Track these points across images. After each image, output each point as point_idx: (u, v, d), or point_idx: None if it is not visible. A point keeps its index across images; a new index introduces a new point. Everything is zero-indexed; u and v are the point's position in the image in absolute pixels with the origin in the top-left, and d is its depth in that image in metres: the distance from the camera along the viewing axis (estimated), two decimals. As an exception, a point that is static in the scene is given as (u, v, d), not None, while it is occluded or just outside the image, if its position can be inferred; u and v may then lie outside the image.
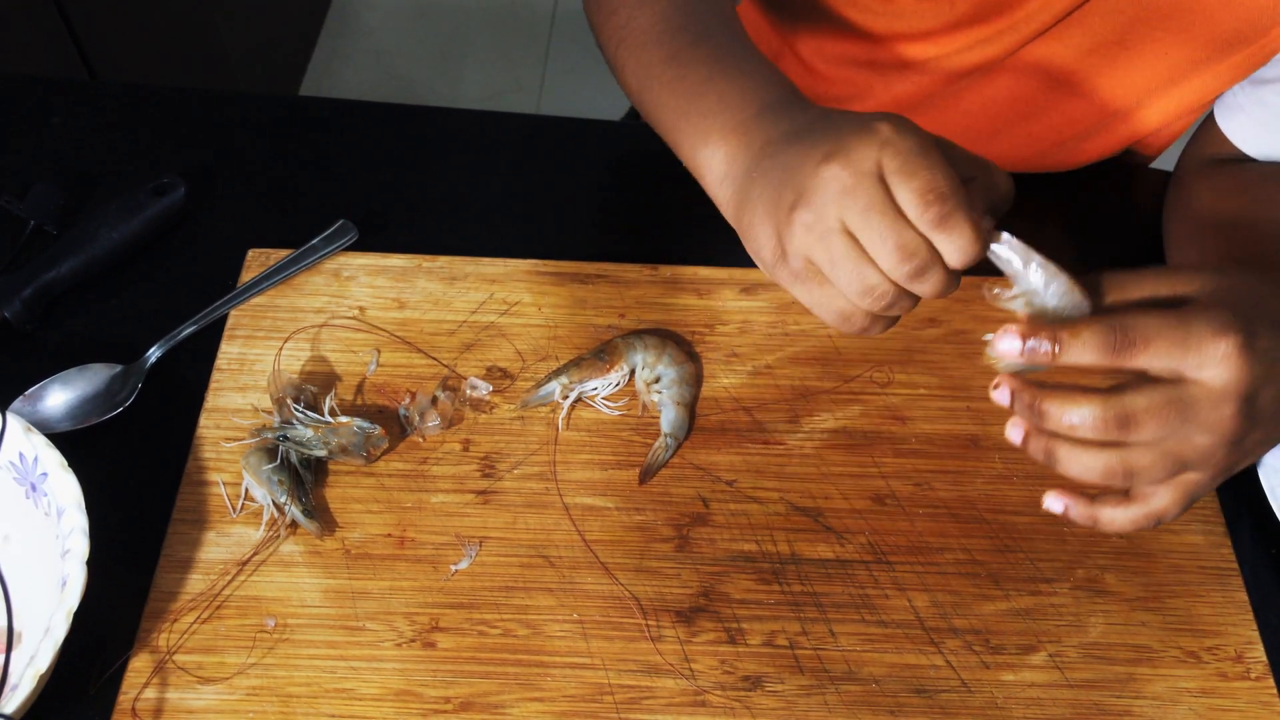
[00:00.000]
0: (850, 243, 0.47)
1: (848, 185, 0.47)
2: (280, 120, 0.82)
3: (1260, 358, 0.45)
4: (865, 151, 0.46)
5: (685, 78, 0.58)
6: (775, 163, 0.51)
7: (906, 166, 0.46)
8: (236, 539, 0.60)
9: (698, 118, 0.56)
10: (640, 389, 0.66)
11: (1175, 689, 0.57)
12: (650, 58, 0.61)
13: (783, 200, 0.49)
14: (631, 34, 0.63)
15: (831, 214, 0.47)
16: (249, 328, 0.68)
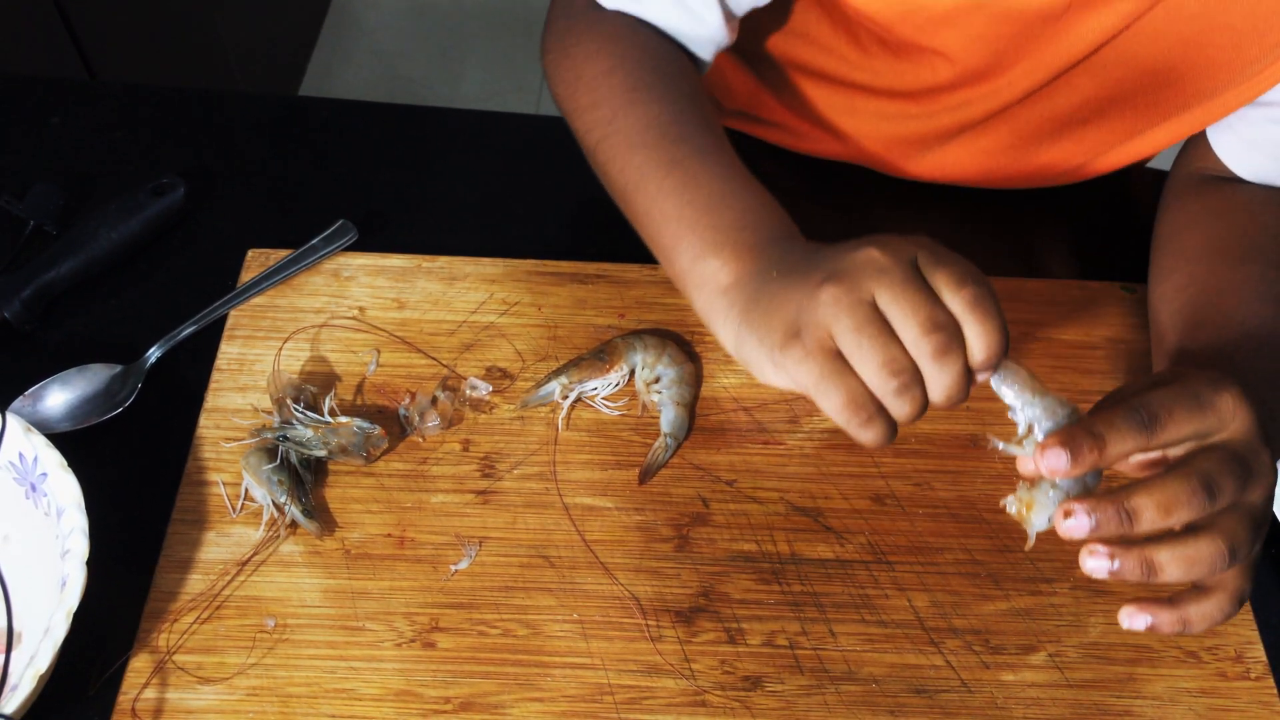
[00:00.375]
0: (877, 315, 0.47)
1: (883, 265, 0.47)
2: (280, 120, 0.82)
3: (1258, 404, 0.48)
4: (902, 244, 0.48)
5: (692, 188, 0.58)
6: (800, 263, 0.51)
7: (945, 257, 0.48)
8: (236, 539, 0.60)
9: (707, 231, 0.56)
10: (640, 389, 0.66)
11: (1175, 689, 0.57)
12: (645, 160, 0.60)
13: (809, 280, 0.49)
14: (619, 132, 0.62)
15: (864, 288, 0.47)
16: (249, 328, 0.68)
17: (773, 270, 0.53)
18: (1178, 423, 0.47)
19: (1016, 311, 0.71)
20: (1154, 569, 0.47)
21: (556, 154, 0.81)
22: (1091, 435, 0.46)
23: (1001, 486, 0.64)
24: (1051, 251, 0.78)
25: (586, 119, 0.64)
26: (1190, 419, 0.47)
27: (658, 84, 0.63)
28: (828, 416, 0.49)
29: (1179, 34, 0.62)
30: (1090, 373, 0.69)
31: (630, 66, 0.64)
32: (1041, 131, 0.72)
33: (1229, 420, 0.48)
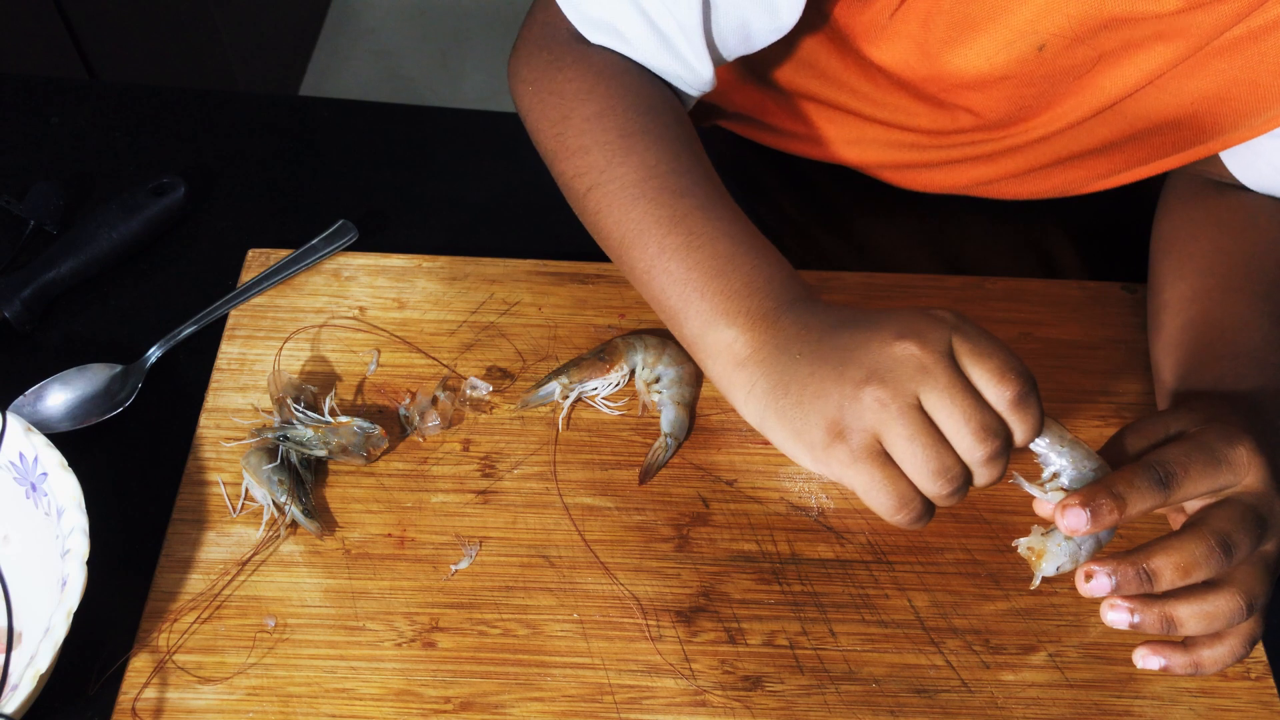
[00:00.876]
0: (927, 421, 0.48)
1: (926, 364, 0.47)
2: (280, 120, 0.82)
3: (1272, 454, 0.49)
4: (938, 333, 0.48)
5: (697, 248, 0.56)
6: (826, 345, 0.51)
7: (980, 348, 0.48)
8: (236, 539, 0.60)
9: (717, 297, 0.55)
10: (640, 389, 0.66)
11: (1175, 689, 0.57)
12: (645, 215, 0.58)
13: (847, 377, 0.49)
14: (614, 180, 0.59)
15: (909, 390, 0.47)
16: (249, 328, 0.68)
17: (795, 349, 0.52)
18: (1194, 480, 0.48)
19: (1017, 312, 0.71)
20: (1174, 624, 0.48)
21: (557, 154, 0.81)
22: (1112, 496, 0.47)
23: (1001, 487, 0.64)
24: (1052, 251, 0.78)
25: (576, 163, 0.61)
26: (1206, 475, 0.48)
27: (653, 130, 0.60)
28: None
29: (1201, 89, 0.61)
30: (1090, 373, 0.69)
31: (623, 110, 0.61)
32: (1051, 163, 0.72)
33: (1244, 474, 0.49)
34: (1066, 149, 0.70)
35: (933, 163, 0.75)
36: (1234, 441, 0.49)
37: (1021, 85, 0.63)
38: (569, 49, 0.64)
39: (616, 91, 0.62)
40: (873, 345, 0.49)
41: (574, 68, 0.63)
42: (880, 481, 0.49)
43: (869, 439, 0.49)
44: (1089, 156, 0.70)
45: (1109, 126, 0.67)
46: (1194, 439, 0.50)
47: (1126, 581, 0.48)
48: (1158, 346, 0.65)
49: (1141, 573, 0.48)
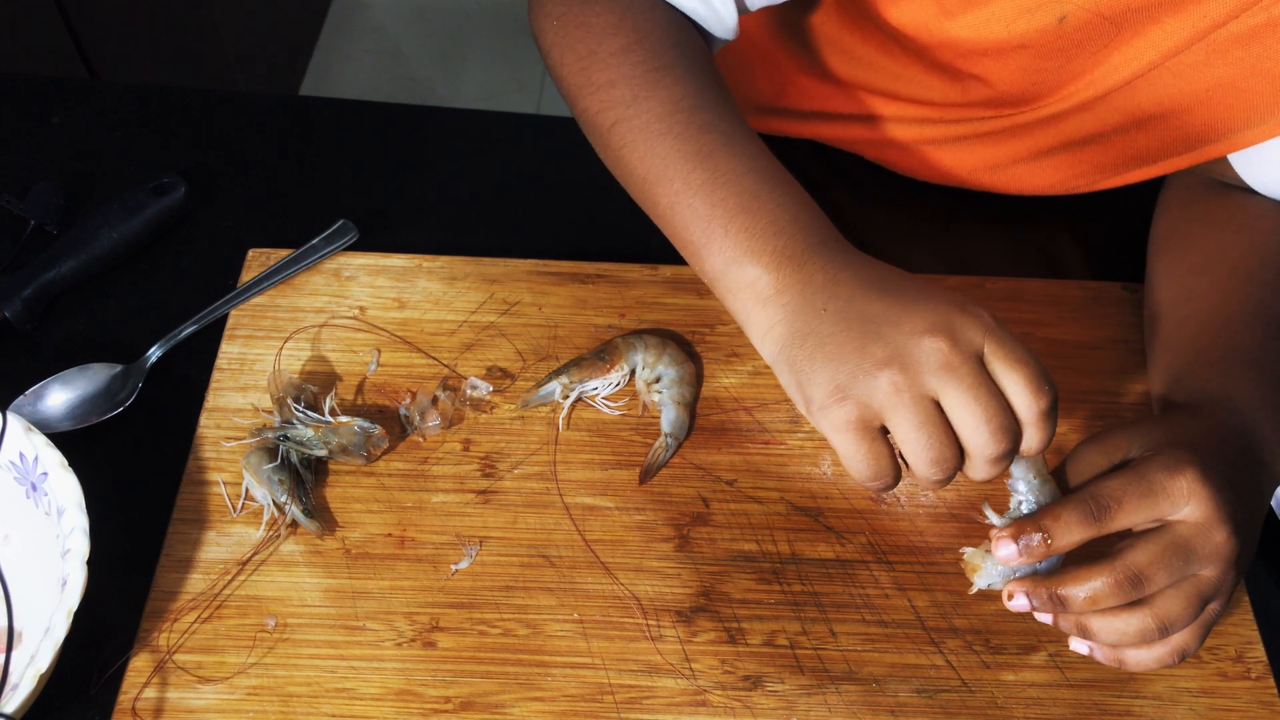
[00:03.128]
0: (939, 414, 0.48)
1: (953, 364, 0.48)
2: (280, 120, 0.82)
3: (1219, 482, 0.50)
4: (972, 333, 0.48)
5: (723, 185, 0.55)
6: (854, 310, 0.50)
7: (1016, 355, 0.48)
8: (237, 538, 0.60)
9: (742, 234, 0.54)
10: (640, 389, 0.66)
11: (1175, 689, 0.57)
12: (670, 150, 0.57)
13: (868, 352, 0.49)
14: (639, 115, 0.58)
15: (929, 384, 0.48)
16: (249, 327, 0.68)
17: (821, 302, 0.51)
18: (1127, 513, 0.50)
19: (1017, 311, 0.71)
20: (1088, 632, 0.52)
21: (556, 154, 0.81)
22: (1041, 530, 0.50)
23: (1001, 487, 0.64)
24: (1052, 251, 0.78)
25: (601, 98, 0.60)
26: (1141, 509, 0.50)
27: (681, 64, 0.60)
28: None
29: (1216, 77, 0.60)
30: (1090, 373, 0.69)
31: (651, 44, 0.60)
32: (1059, 147, 0.71)
33: (1181, 504, 0.50)
34: (1076, 132, 0.69)
35: (941, 139, 0.74)
36: (1176, 473, 0.49)
37: (1038, 57, 0.63)
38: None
39: (644, 26, 0.61)
40: (903, 327, 0.49)
41: (601, 3, 0.62)
42: (866, 454, 0.49)
43: (872, 415, 0.49)
44: (1098, 144, 0.70)
45: (1121, 112, 0.66)
46: (1136, 470, 0.50)
47: (1041, 604, 0.51)
48: (1152, 347, 0.65)
49: (1054, 598, 0.50)
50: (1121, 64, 0.62)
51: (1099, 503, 0.49)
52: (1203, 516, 0.49)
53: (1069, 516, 0.49)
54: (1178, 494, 0.49)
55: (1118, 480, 0.50)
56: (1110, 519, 0.49)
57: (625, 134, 0.59)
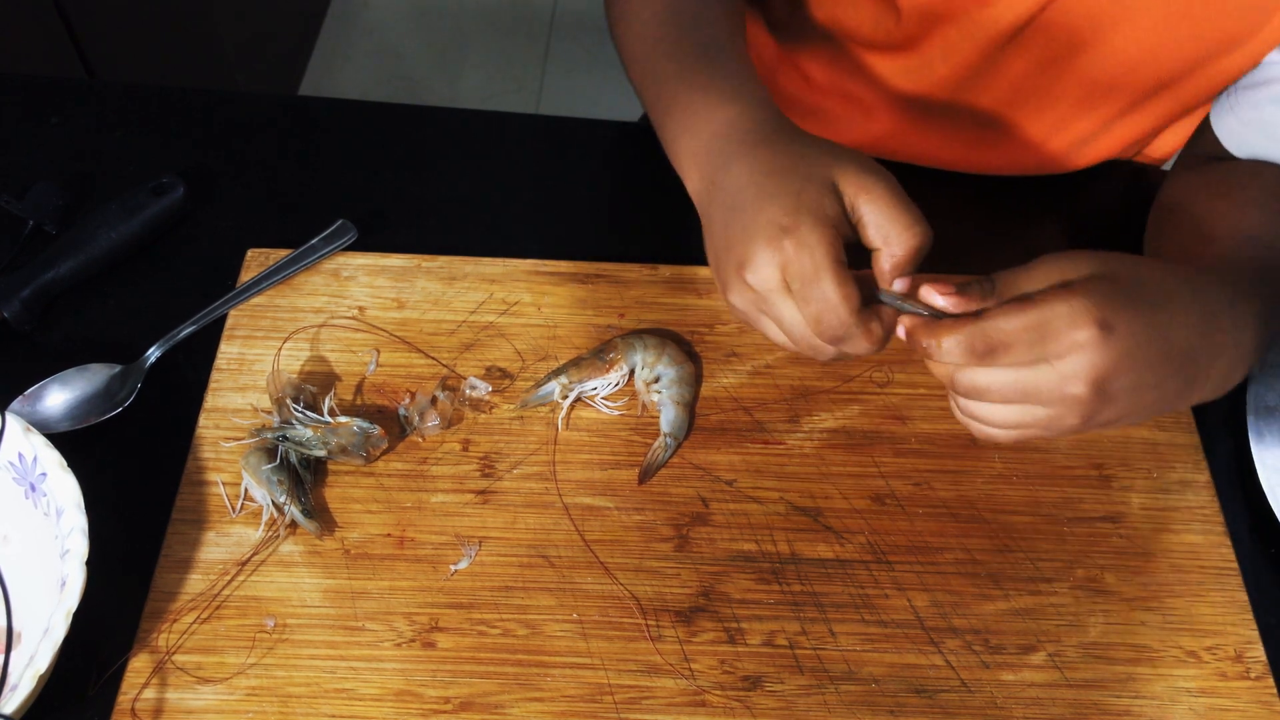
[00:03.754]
0: (771, 325, 0.54)
1: (763, 298, 0.53)
2: (280, 120, 0.82)
3: (1115, 346, 0.47)
4: (769, 270, 0.51)
5: (661, 90, 0.62)
6: (715, 224, 0.56)
7: (803, 290, 0.51)
8: (236, 539, 0.60)
9: (673, 126, 0.60)
10: (640, 389, 0.66)
11: (1175, 689, 0.57)
12: (642, 68, 0.65)
13: (719, 279, 0.55)
14: (638, 20, 0.66)
15: (752, 308, 0.54)
16: (248, 328, 0.68)
17: (717, 198, 0.56)
18: (1013, 355, 0.48)
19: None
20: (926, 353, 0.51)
21: (556, 154, 0.81)
22: (929, 340, 0.50)
23: (1001, 486, 0.64)
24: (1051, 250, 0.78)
25: (616, 29, 0.69)
26: (1027, 351, 0.48)
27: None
28: (826, 414, 0.50)
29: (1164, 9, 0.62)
30: (1090, 372, 0.68)
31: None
32: (1030, 76, 0.72)
33: (1066, 352, 0.47)
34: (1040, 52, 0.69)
35: (910, 93, 0.75)
36: (1076, 325, 0.47)
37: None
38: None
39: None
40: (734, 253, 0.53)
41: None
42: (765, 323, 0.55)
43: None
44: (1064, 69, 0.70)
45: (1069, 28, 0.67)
46: (1041, 307, 0.47)
47: (920, 328, 0.51)
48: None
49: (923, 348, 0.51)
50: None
51: (987, 340, 0.48)
52: (1074, 371, 0.48)
53: (951, 345, 0.49)
54: (1066, 344, 0.47)
55: (1017, 320, 0.48)
56: (993, 358, 0.48)
57: (627, 39, 0.67)
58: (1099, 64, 0.69)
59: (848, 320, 0.51)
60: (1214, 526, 0.63)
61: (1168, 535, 0.62)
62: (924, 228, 0.52)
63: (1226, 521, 0.63)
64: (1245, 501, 0.64)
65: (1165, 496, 0.64)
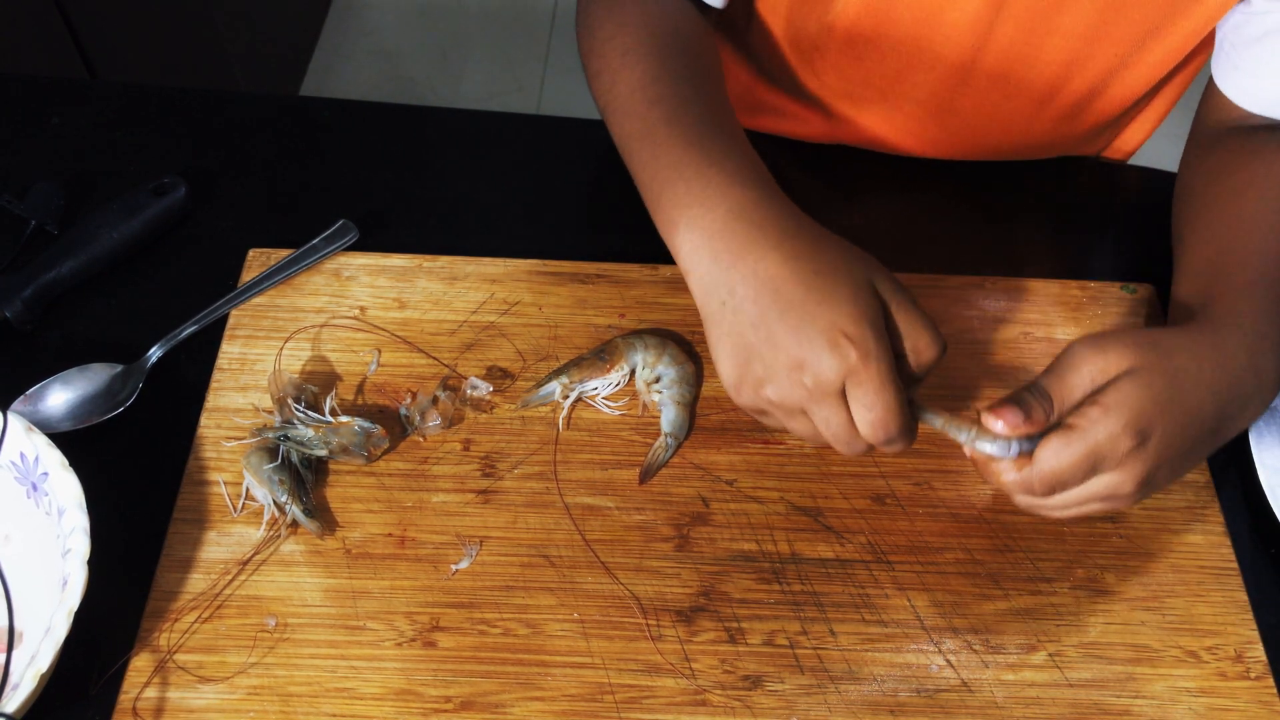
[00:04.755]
0: (809, 421, 0.54)
1: (814, 398, 0.53)
2: (280, 120, 0.82)
3: (1155, 448, 0.53)
4: (832, 376, 0.52)
5: (658, 159, 0.60)
6: (745, 314, 0.54)
7: (866, 398, 0.52)
8: (237, 538, 0.60)
9: (675, 196, 0.58)
10: (640, 389, 0.66)
11: (1175, 689, 0.57)
12: (628, 129, 0.63)
13: (750, 372, 0.54)
14: (615, 100, 0.64)
15: (794, 405, 0.54)
16: (250, 327, 0.68)
17: (722, 295, 0.55)
18: (1069, 492, 0.54)
19: (1017, 312, 0.71)
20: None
21: (556, 154, 0.81)
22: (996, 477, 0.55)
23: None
24: (1051, 251, 0.78)
25: (595, 90, 0.67)
26: (1083, 475, 0.53)
27: (646, 43, 0.64)
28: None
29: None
30: (1090, 373, 0.69)
31: (630, 29, 0.65)
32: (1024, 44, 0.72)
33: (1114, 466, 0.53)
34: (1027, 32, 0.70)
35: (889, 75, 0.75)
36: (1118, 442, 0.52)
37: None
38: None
39: (629, 15, 0.66)
40: (779, 355, 0.53)
41: (603, 3, 0.68)
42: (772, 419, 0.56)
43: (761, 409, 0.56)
44: (1054, 39, 0.71)
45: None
46: (1088, 442, 0.52)
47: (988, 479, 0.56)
48: (1177, 282, 0.66)
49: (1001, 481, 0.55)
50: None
51: (1046, 485, 0.53)
52: (1126, 478, 0.53)
53: (1016, 489, 0.54)
54: (1114, 464, 0.52)
55: (1067, 461, 0.52)
56: (1050, 495, 0.54)
57: (610, 119, 0.65)
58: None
59: (905, 428, 0.53)
60: (1214, 526, 0.63)
61: (1168, 535, 0.62)
62: (943, 341, 0.55)
63: (1226, 521, 0.63)
64: (1245, 501, 0.65)
65: (1165, 496, 0.64)
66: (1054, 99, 0.75)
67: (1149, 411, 0.52)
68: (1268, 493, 0.63)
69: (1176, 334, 0.56)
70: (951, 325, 0.70)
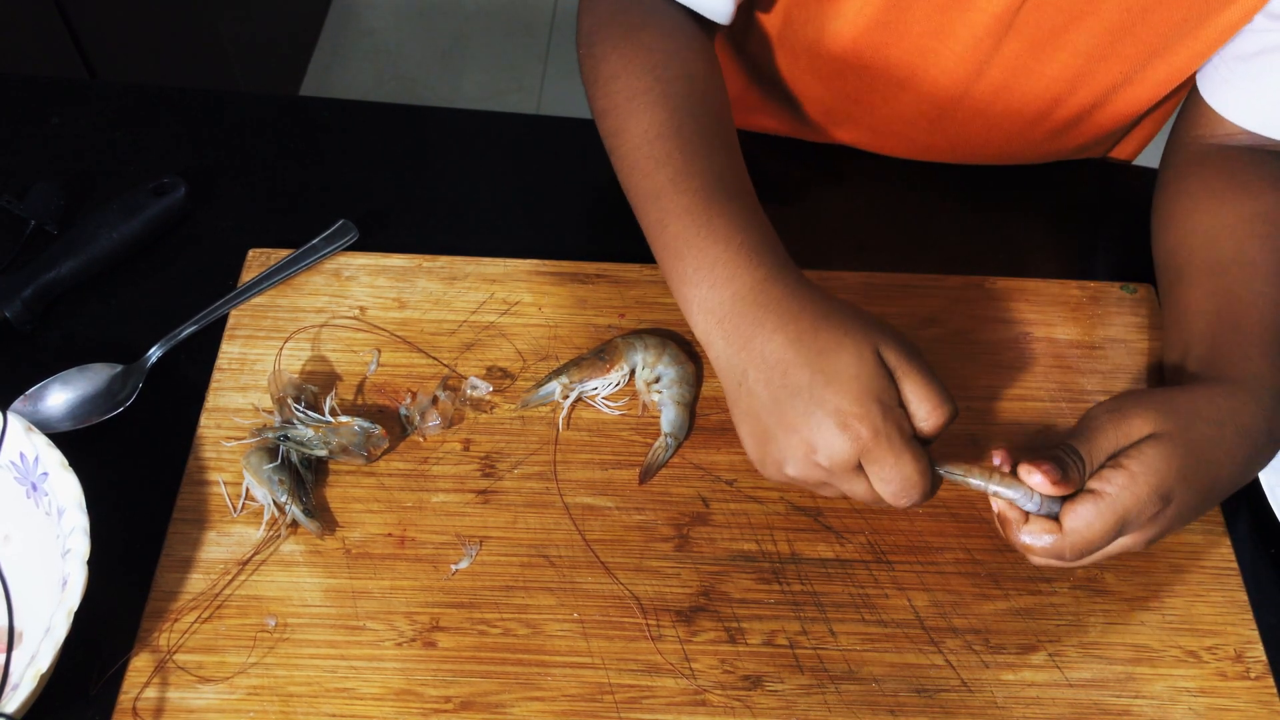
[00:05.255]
0: (836, 489, 0.56)
1: (834, 475, 0.54)
2: (280, 120, 0.82)
3: (1176, 510, 0.54)
4: (846, 456, 0.53)
5: (665, 226, 0.60)
6: (758, 397, 0.55)
7: (884, 473, 0.53)
8: (237, 538, 0.60)
9: (685, 270, 0.58)
10: (640, 389, 0.66)
11: (1175, 688, 0.57)
12: (637, 187, 0.62)
13: (769, 452, 0.56)
14: (622, 148, 0.63)
15: (816, 481, 0.55)
16: (249, 327, 0.68)
17: (737, 376, 0.56)
18: (1096, 553, 0.54)
19: (1017, 312, 0.71)
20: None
21: (556, 154, 0.81)
22: (1023, 542, 0.55)
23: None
24: (1051, 251, 0.78)
25: (601, 127, 0.66)
26: (1111, 542, 0.54)
27: (654, 88, 0.63)
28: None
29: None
30: (1090, 373, 0.69)
31: (634, 70, 0.64)
32: (1032, 43, 0.71)
33: (1138, 529, 0.54)
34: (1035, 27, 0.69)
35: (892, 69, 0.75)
36: (1144, 507, 0.53)
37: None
38: (609, 1, 0.67)
39: (632, 49, 0.65)
40: (794, 438, 0.54)
41: (610, 25, 0.66)
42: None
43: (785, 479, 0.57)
44: (1055, 53, 0.70)
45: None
46: (1115, 509, 0.53)
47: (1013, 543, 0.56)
48: (1172, 335, 0.66)
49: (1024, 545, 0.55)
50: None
51: (1075, 551, 0.54)
52: (1148, 537, 0.55)
53: (1045, 553, 0.54)
54: (1138, 528, 0.54)
55: (1096, 529, 0.53)
56: (1078, 561, 0.55)
57: (617, 164, 0.64)
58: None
59: (926, 490, 0.54)
60: (1214, 526, 0.63)
61: (1167, 535, 0.62)
62: (953, 404, 0.55)
63: (1226, 521, 0.63)
64: (1245, 501, 0.65)
65: (1165, 496, 0.64)
66: (1051, 114, 0.74)
67: (1171, 480, 0.53)
68: (1268, 493, 0.63)
69: (1196, 397, 0.57)
70: (951, 325, 0.70)
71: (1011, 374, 0.68)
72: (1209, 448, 0.55)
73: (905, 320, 0.70)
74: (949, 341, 0.70)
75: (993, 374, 0.68)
